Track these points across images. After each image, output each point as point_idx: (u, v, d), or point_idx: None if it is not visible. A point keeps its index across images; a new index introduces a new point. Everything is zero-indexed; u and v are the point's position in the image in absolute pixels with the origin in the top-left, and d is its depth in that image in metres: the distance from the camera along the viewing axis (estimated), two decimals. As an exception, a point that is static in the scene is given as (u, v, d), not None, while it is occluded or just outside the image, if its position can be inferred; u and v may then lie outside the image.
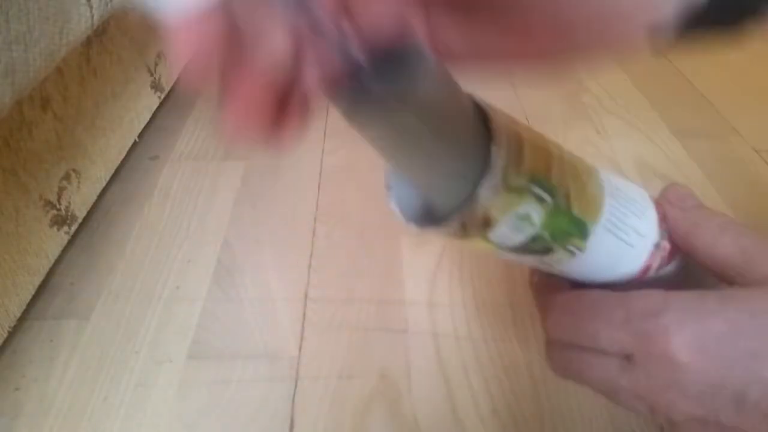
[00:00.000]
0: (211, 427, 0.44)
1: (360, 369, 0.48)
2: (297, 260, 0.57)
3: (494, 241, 0.27)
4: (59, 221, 0.54)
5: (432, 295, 0.53)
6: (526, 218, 0.26)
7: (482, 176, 0.24)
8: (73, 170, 0.57)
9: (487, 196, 0.24)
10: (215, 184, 0.68)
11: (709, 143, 0.73)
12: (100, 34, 0.63)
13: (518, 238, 0.27)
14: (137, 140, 0.72)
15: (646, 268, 0.32)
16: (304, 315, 0.52)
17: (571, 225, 0.28)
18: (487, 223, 0.25)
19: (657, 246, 0.32)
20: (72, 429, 0.44)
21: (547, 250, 0.28)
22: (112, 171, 0.66)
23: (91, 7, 0.47)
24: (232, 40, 0.18)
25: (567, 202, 0.27)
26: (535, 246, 0.28)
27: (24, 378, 0.47)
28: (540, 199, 0.26)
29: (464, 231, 0.26)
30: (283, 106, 0.22)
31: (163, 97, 0.80)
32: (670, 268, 0.33)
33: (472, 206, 0.24)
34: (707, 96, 0.83)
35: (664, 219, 0.33)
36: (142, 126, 0.74)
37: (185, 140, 0.76)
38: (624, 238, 0.30)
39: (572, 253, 0.29)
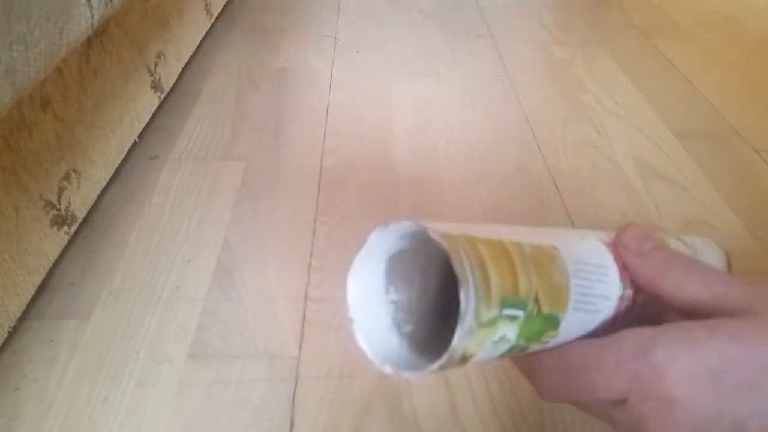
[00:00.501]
0: (211, 427, 0.44)
1: (360, 369, 0.48)
2: (297, 260, 0.57)
3: (478, 361, 0.27)
4: (59, 221, 0.54)
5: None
6: (501, 340, 0.27)
7: (455, 324, 0.24)
8: (73, 170, 0.57)
9: (463, 341, 0.25)
10: (215, 184, 0.68)
11: (709, 143, 0.73)
12: (100, 34, 0.63)
13: (494, 354, 0.28)
14: (137, 140, 0.72)
15: (614, 319, 0.32)
16: (304, 315, 0.52)
17: (544, 324, 0.29)
18: (465, 359, 0.26)
19: (621, 298, 0.32)
20: (72, 429, 0.44)
21: (523, 349, 0.29)
22: (112, 171, 0.66)
23: (91, 8, 0.47)
24: None
25: (538, 306, 0.28)
26: (512, 353, 0.29)
27: (24, 378, 0.47)
28: (513, 318, 0.27)
29: (443, 369, 0.26)
30: None
31: (163, 97, 0.80)
32: (636, 307, 0.34)
33: (449, 354, 0.25)
34: (707, 96, 0.83)
35: (624, 267, 0.33)
36: (142, 126, 0.74)
37: (185, 140, 0.76)
38: (592, 309, 0.31)
39: (546, 342, 0.30)
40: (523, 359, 0.33)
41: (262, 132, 0.78)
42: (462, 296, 0.24)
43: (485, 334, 0.26)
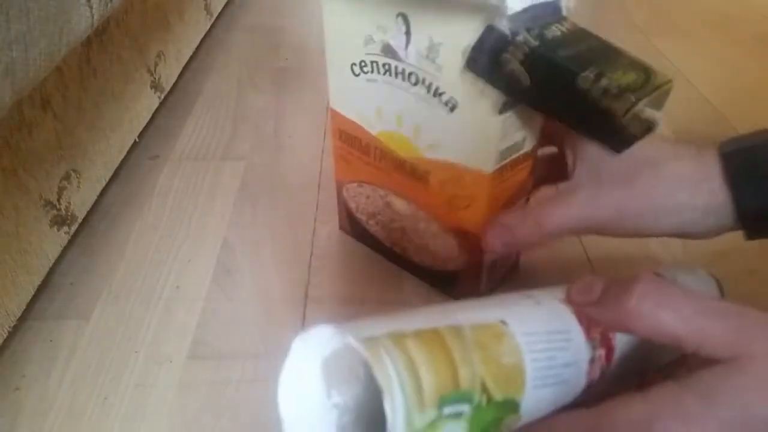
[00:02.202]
0: (212, 427, 0.43)
1: (360, 369, 0.48)
2: (297, 260, 0.57)
3: None
4: (59, 221, 0.54)
5: (432, 295, 0.53)
6: None
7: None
8: (73, 170, 0.57)
9: None
10: (215, 184, 0.68)
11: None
12: (100, 34, 0.63)
13: None
14: (137, 140, 0.72)
15: (590, 384, 0.30)
16: (304, 315, 0.52)
17: (499, 411, 0.26)
18: None
19: (592, 361, 0.30)
20: (72, 429, 0.44)
21: None
22: (112, 171, 0.66)
23: (91, 7, 0.47)
24: None
25: (487, 395, 0.25)
26: None
27: (24, 378, 0.47)
28: (457, 415, 0.24)
29: None
30: None
31: (162, 97, 0.80)
32: (614, 364, 0.32)
33: None
34: (708, 96, 0.83)
35: (589, 326, 0.30)
36: (142, 126, 0.74)
37: (185, 140, 0.76)
38: (556, 381, 0.28)
39: (510, 426, 0.27)
40: None
41: (263, 132, 0.78)
42: (387, 407, 0.22)
43: None
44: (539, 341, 0.28)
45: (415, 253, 0.52)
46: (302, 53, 1.00)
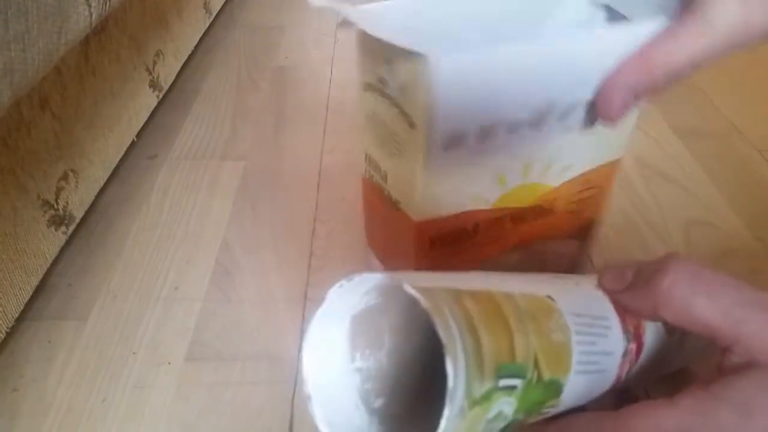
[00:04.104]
0: (210, 428, 0.43)
1: (360, 370, 0.47)
2: (297, 260, 0.57)
3: None
4: (57, 221, 0.54)
5: (432, 296, 0.53)
6: (497, 417, 0.23)
7: (439, 398, 0.20)
8: (71, 170, 0.56)
9: (451, 425, 0.20)
10: (214, 183, 0.68)
11: (711, 143, 0.73)
12: (98, 33, 0.62)
13: (493, 429, 0.23)
14: (135, 139, 0.72)
15: (618, 380, 0.29)
16: (303, 316, 0.51)
17: (545, 393, 0.24)
18: None
19: (625, 354, 0.29)
20: (70, 430, 0.43)
21: (525, 419, 0.25)
22: (110, 171, 0.65)
23: (89, 6, 0.47)
24: None
25: (538, 372, 0.24)
26: (506, 430, 0.24)
27: (22, 379, 0.47)
28: (510, 389, 0.22)
29: None
30: None
31: (161, 96, 0.80)
32: (641, 361, 0.30)
33: None
34: (709, 95, 0.83)
35: (624, 316, 0.29)
36: (141, 125, 0.73)
37: (184, 139, 0.76)
38: (595, 369, 0.27)
39: (546, 414, 0.26)
40: None
41: (262, 131, 0.78)
42: (449, 369, 0.19)
43: (478, 414, 0.21)
44: (584, 323, 0.27)
45: None
46: (302, 52, 0.99)
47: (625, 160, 0.71)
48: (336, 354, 0.25)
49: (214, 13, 1.05)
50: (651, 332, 0.31)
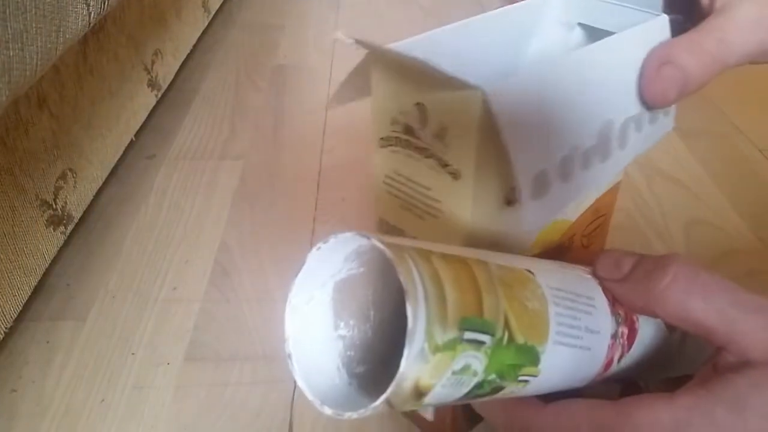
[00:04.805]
0: (209, 429, 0.43)
1: (360, 371, 0.47)
2: (295, 261, 0.56)
3: (432, 402, 0.23)
4: (55, 221, 0.54)
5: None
6: (465, 370, 0.22)
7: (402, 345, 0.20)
8: (70, 170, 0.56)
9: (413, 368, 0.20)
10: (213, 183, 0.68)
11: (712, 142, 0.73)
12: (96, 32, 0.62)
13: (460, 392, 0.23)
14: (134, 139, 0.72)
15: (609, 363, 0.29)
16: (303, 316, 0.51)
17: (519, 356, 0.24)
18: (419, 393, 0.21)
19: (614, 336, 0.28)
20: (69, 430, 0.43)
21: (496, 390, 0.25)
22: (109, 170, 0.65)
23: (88, 5, 0.47)
24: None
25: (509, 334, 0.24)
26: (481, 391, 0.24)
27: (21, 379, 0.47)
28: (477, 344, 0.22)
29: (392, 407, 0.21)
30: None
31: (159, 95, 0.79)
32: (637, 350, 0.30)
33: (395, 384, 0.20)
34: (710, 95, 0.83)
35: (614, 301, 0.29)
36: (139, 125, 0.73)
37: (182, 139, 0.76)
38: (578, 344, 0.27)
39: (526, 382, 0.25)
40: (509, 406, 0.29)
41: (261, 131, 0.78)
42: (409, 310, 0.20)
43: (442, 361, 0.21)
44: (564, 298, 0.27)
45: None
46: (301, 51, 0.99)
47: (626, 160, 0.71)
48: (318, 319, 0.25)
49: (213, 12, 1.05)
50: (647, 323, 0.31)
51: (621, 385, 0.33)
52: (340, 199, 0.65)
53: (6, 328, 0.47)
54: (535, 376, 0.25)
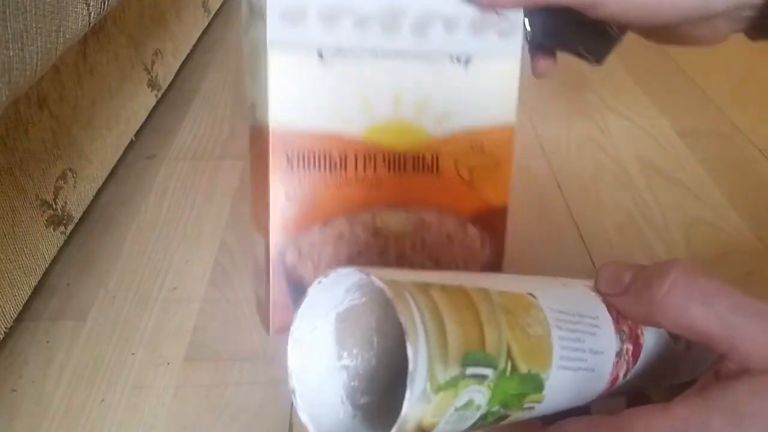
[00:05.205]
0: (209, 429, 0.43)
1: (360, 371, 0.47)
2: (296, 261, 0.57)
3: None
4: (55, 221, 0.54)
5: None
6: (468, 406, 0.22)
7: (404, 387, 0.20)
8: (70, 169, 0.56)
9: (415, 409, 0.20)
10: (213, 183, 0.68)
11: (712, 142, 0.73)
12: (96, 32, 0.62)
13: (464, 425, 0.23)
14: (134, 139, 0.72)
15: (614, 380, 0.29)
16: (303, 316, 0.51)
17: (522, 386, 0.24)
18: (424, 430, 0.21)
19: (619, 354, 0.28)
20: (69, 430, 0.43)
21: (500, 419, 0.24)
22: (109, 170, 0.65)
23: (88, 5, 0.47)
24: None
25: (512, 364, 0.23)
26: (485, 422, 0.24)
27: (21, 379, 0.46)
28: (480, 378, 0.22)
29: None
30: None
31: (160, 95, 0.79)
32: (642, 363, 0.30)
33: (398, 427, 0.20)
34: (711, 95, 0.83)
35: (618, 317, 0.29)
36: (139, 125, 0.73)
37: (182, 139, 0.76)
38: (582, 366, 0.27)
39: (531, 409, 0.25)
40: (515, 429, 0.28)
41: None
42: (410, 351, 0.19)
43: (445, 399, 0.21)
44: (567, 320, 0.26)
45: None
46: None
47: (627, 160, 0.71)
48: (322, 350, 0.25)
49: (213, 12, 1.05)
50: (651, 335, 0.31)
51: (627, 396, 0.33)
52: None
53: (6, 328, 0.47)
54: (539, 402, 0.25)
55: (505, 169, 0.42)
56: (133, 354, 0.48)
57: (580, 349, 0.27)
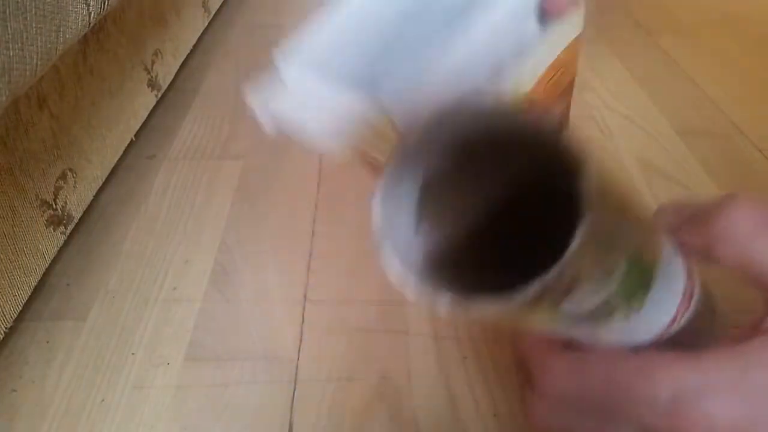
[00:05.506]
0: (209, 429, 0.43)
1: (360, 371, 0.47)
2: (296, 261, 0.57)
3: (564, 310, 0.20)
4: (55, 221, 0.54)
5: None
6: (609, 272, 0.20)
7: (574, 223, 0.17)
8: (70, 169, 0.56)
9: (578, 254, 0.17)
10: (213, 183, 0.68)
11: (712, 142, 0.73)
12: (96, 32, 0.62)
13: (593, 301, 0.21)
14: (134, 139, 0.72)
15: (673, 320, 0.26)
16: (303, 317, 0.51)
17: (639, 280, 0.22)
18: (570, 288, 0.18)
19: (684, 293, 0.26)
20: (69, 431, 0.43)
21: (609, 314, 0.22)
22: (109, 170, 0.65)
23: (87, 5, 0.47)
24: None
25: (641, 250, 0.21)
26: (600, 311, 0.21)
27: (21, 379, 0.47)
28: (625, 248, 0.20)
29: (534, 304, 0.18)
30: None
31: (159, 95, 0.79)
32: (689, 313, 0.27)
33: (559, 266, 0.17)
34: (711, 95, 0.83)
35: (685, 260, 0.26)
36: (139, 125, 0.73)
37: (182, 139, 0.76)
38: (673, 289, 0.24)
39: (627, 317, 0.23)
40: (540, 347, 0.26)
41: (260, 131, 0.77)
42: (584, 188, 0.17)
43: (597, 259, 0.18)
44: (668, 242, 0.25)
45: None
46: (301, 51, 0.99)
47: (627, 160, 0.71)
48: (401, 222, 0.24)
49: (213, 12, 1.05)
50: (697, 292, 0.29)
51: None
52: (341, 199, 0.65)
53: (6, 328, 0.47)
54: (639, 309, 0.23)
55: (571, 81, 0.42)
56: (133, 354, 0.48)
57: (672, 266, 0.24)
